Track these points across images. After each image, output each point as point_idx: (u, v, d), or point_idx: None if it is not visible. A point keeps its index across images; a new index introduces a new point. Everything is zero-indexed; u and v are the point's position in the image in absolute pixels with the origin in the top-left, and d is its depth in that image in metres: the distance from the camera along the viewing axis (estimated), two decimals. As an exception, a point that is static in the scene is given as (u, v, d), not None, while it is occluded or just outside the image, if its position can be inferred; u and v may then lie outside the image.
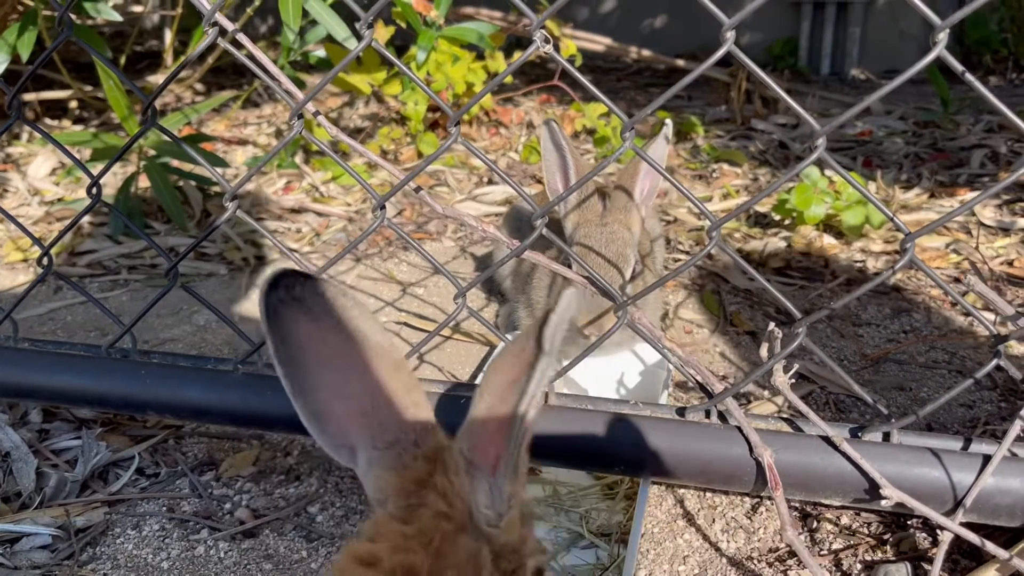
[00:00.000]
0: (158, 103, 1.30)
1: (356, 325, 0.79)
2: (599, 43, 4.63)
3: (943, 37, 0.97)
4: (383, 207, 1.27)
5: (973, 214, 2.64)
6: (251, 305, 2.20)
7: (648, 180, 1.66)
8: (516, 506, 0.73)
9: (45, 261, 1.48)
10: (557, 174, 1.64)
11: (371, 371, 0.79)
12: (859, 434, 1.20)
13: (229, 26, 1.24)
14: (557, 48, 3.35)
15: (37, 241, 1.51)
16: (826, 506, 1.38)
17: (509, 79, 3.96)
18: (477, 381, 1.60)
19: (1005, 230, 2.55)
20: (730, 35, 1.03)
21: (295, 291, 0.79)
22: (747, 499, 1.42)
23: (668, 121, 1.56)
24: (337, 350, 0.79)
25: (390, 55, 1.24)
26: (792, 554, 1.29)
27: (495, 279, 2.11)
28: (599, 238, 1.62)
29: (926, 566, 1.24)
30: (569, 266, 1.44)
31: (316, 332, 0.79)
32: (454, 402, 1.30)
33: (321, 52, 3.26)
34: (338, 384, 0.79)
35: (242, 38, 1.28)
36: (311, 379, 0.79)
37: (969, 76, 1.01)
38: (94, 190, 1.40)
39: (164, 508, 1.44)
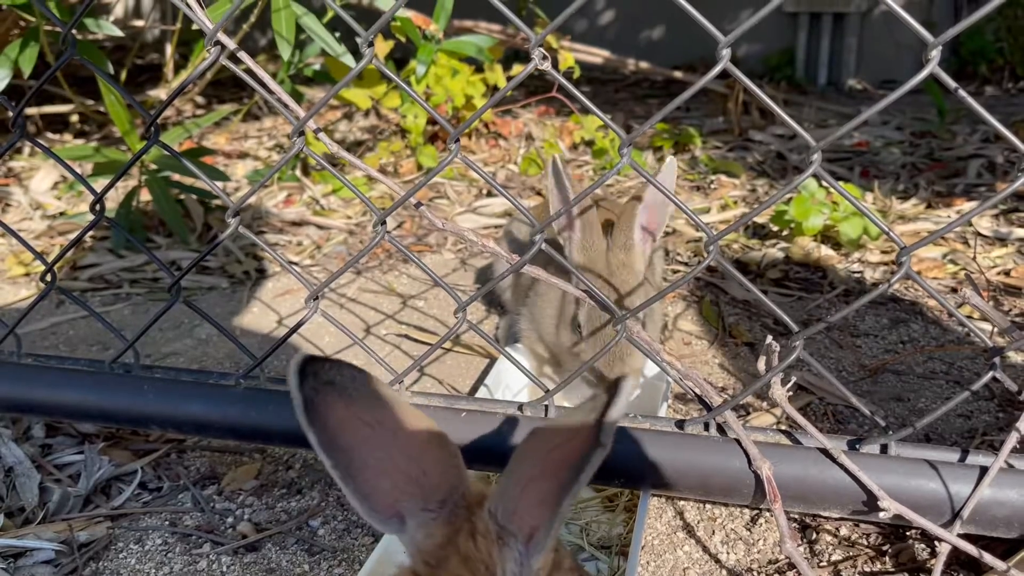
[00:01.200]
0: (159, 118, 1.31)
1: (386, 395, 0.79)
2: (597, 55, 4.66)
3: (936, 54, 0.98)
4: (384, 223, 1.28)
5: (970, 224, 2.65)
6: (252, 318, 2.21)
7: (650, 214, 1.62)
8: (544, 573, 0.72)
9: (48, 277, 1.49)
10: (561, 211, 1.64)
11: (410, 439, 0.78)
12: (857, 446, 1.21)
13: (231, 45, 1.25)
14: (556, 61, 3.36)
15: (41, 257, 1.52)
16: (825, 518, 1.39)
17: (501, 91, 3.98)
18: (478, 395, 1.61)
19: (1002, 240, 2.56)
20: (726, 52, 1.04)
21: (323, 376, 0.78)
22: (746, 511, 1.43)
23: (671, 159, 1.53)
24: (376, 426, 0.78)
25: (390, 72, 1.25)
26: (791, 566, 1.30)
27: (495, 291, 2.12)
28: (601, 276, 1.58)
29: (925, 577, 1.25)
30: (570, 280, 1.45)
31: (352, 413, 0.78)
32: (454, 416, 1.31)
33: (319, 65, 3.29)
34: (384, 460, 0.78)
35: (243, 56, 1.29)
36: (357, 461, 0.78)
37: (962, 92, 1.02)
38: (97, 207, 1.41)
39: (167, 522, 1.45)
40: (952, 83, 1.01)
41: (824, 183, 2.69)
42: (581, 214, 1.61)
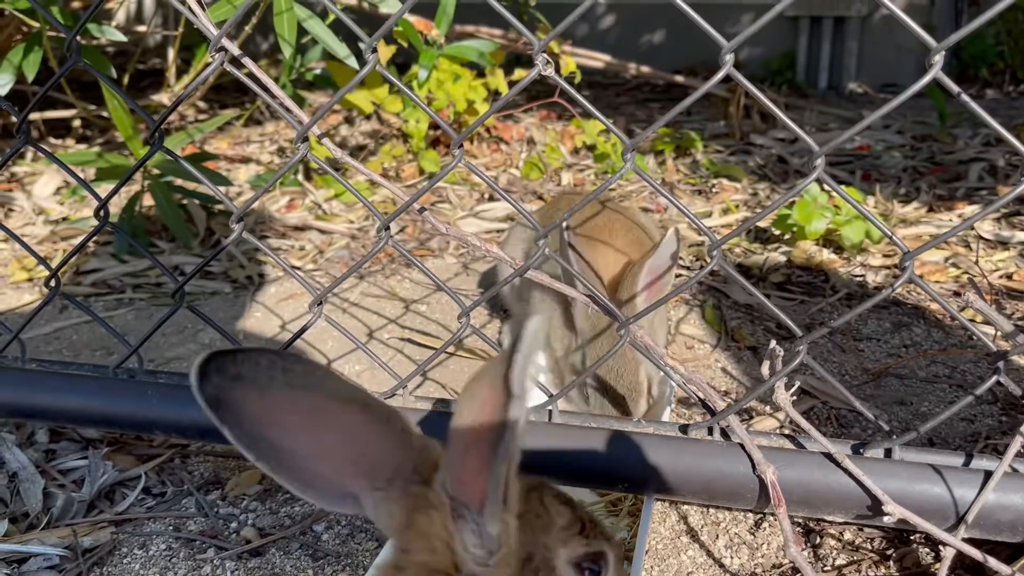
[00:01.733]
0: (163, 123, 1.31)
1: (305, 382, 0.75)
2: (599, 59, 4.66)
3: (939, 59, 0.98)
4: (387, 227, 1.28)
5: (972, 228, 2.65)
6: (255, 323, 2.21)
7: (652, 280, 1.56)
8: (509, 539, 0.70)
9: (52, 282, 1.50)
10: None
11: (343, 418, 0.75)
12: (861, 451, 1.21)
13: (235, 51, 1.25)
14: (558, 66, 3.38)
15: (44, 262, 1.52)
16: (829, 522, 1.39)
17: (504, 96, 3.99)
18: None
19: (1004, 243, 2.56)
20: (729, 58, 1.05)
21: (231, 371, 0.74)
22: (750, 515, 1.43)
23: (673, 231, 1.51)
24: (301, 413, 0.75)
25: (393, 77, 1.26)
26: (795, 570, 1.30)
27: (499, 296, 2.13)
28: (611, 367, 1.54)
29: (929, 581, 1.25)
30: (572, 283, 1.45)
31: (269, 403, 0.75)
32: (459, 420, 1.31)
33: (320, 70, 3.29)
34: (316, 445, 0.75)
35: (247, 61, 1.30)
36: (285, 451, 0.75)
37: (965, 97, 1.02)
38: (101, 212, 1.41)
39: (171, 527, 1.45)
40: (955, 87, 1.01)
41: (826, 187, 2.70)
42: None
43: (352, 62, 2.49)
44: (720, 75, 1.05)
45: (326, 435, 0.76)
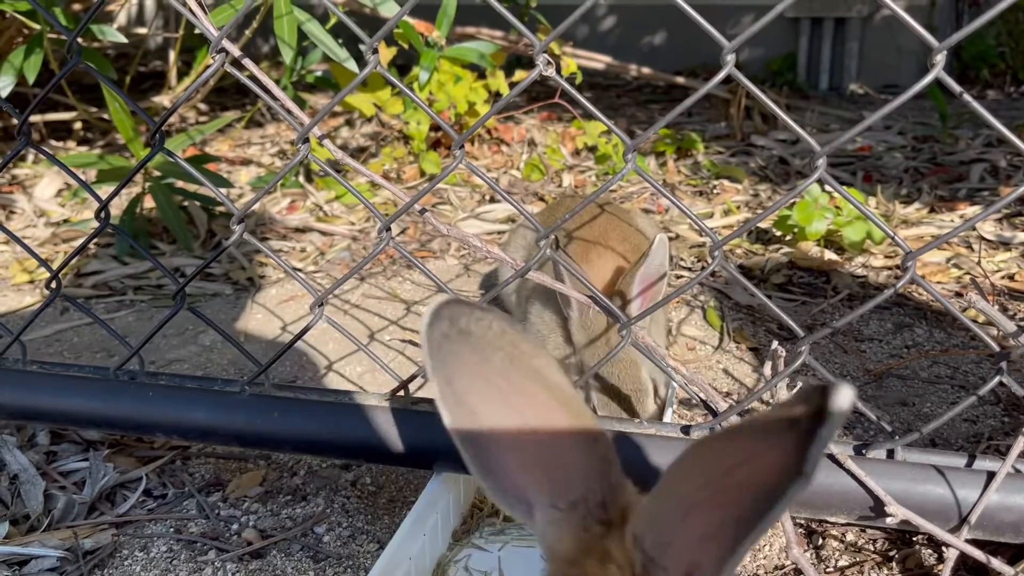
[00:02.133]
0: (163, 125, 1.31)
1: (531, 364, 0.68)
2: (599, 61, 4.66)
3: (940, 59, 0.98)
4: (389, 228, 1.28)
5: (974, 228, 2.65)
6: (256, 325, 2.21)
7: (646, 286, 1.55)
8: None
9: (53, 284, 1.50)
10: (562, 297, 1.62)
11: (549, 417, 0.67)
12: (863, 451, 1.21)
13: (236, 52, 1.25)
14: (559, 68, 3.37)
15: (46, 264, 1.52)
16: (831, 523, 1.39)
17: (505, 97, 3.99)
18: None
19: (1006, 244, 2.56)
20: (730, 58, 1.04)
21: (460, 323, 0.68)
22: (752, 516, 1.42)
23: (662, 236, 1.51)
24: (510, 393, 0.68)
25: (394, 79, 1.25)
26: (798, 572, 1.29)
27: (500, 297, 2.12)
28: (611, 371, 1.54)
29: (932, 583, 1.25)
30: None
31: (485, 371, 0.68)
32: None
33: (320, 72, 3.29)
34: (512, 433, 0.67)
35: (248, 63, 1.30)
36: (482, 428, 0.67)
37: (967, 97, 1.02)
38: (102, 214, 1.41)
39: (172, 529, 1.45)
40: (957, 87, 1.01)
41: (828, 187, 2.70)
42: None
43: (352, 65, 2.48)
44: (721, 75, 1.05)
45: (527, 428, 0.68)
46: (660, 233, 1.53)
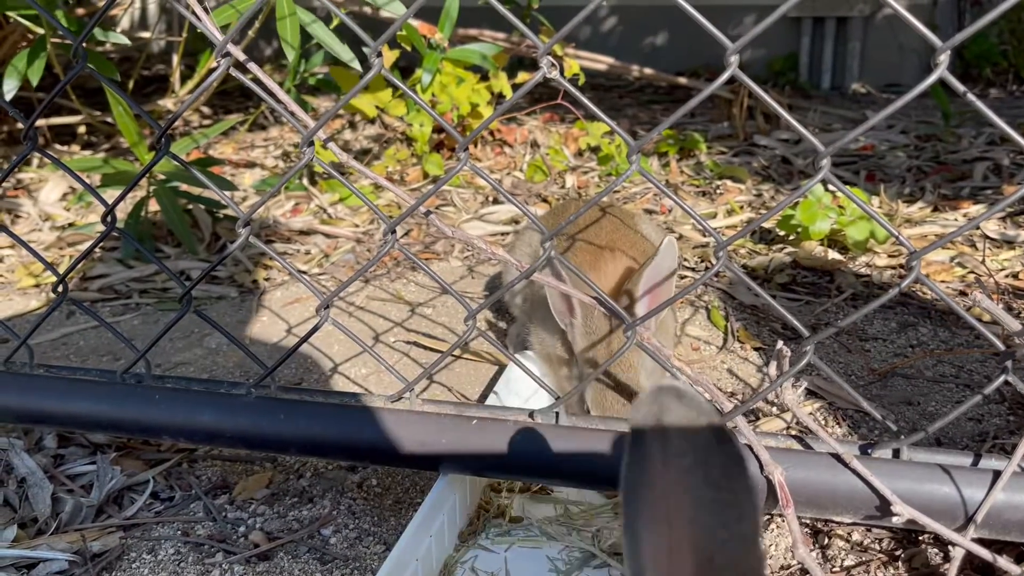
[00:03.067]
0: (169, 129, 1.32)
1: (707, 493, 0.57)
2: (601, 62, 4.67)
3: (944, 59, 0.98)
4: (394, 231, 1.29)
5: (977, 227, 2.65)
6: (261, 328, 2.21)
7: (651, 290, 1.55)
8: None
9: (60, 288, 1.50)
10: (563, 305, 1.63)
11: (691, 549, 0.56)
12: (869, 451, 1.21)
13: (240, 56, 1.26)
14: (561, 69, 3.37)
15: (53, 269, 1.52)
16: (837, 523, 1.39)
17: (511, 96, 4.00)
18: (488, 402, 1.61)
19: (1009, 243, 2.56)
20: (734, 59, 1.05)
21: (666, 417, 0.59)
22: (758, 516, 1.42)
23: (670, 239, 1.51)
24: (672, 509, 0.57)
25: (398, 81, 1.26)
26: (803, 571, 1.30)
27: (504, 300, 2.13)
28: (611, 376, 1.54)
29: (938, 582, 1.25)
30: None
31: (663, 477, 0.58)
32: (465, 423, 1.32)
33: (323, 74, 3.30)
34: (659, 554, 0.57)
35: (252, 66, 1.30)
36: (642, 531, 0.58)
37: (971, 96, 1.02)
38: (108, 218, 1.42)
39: (179, 532, 1.45)
40: (961, 87, 1.01)
41: (831, 187, 2.70)
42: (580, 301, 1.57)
43: (356, 66, 2.49)
44: (725, 77, 1.05)
45: (672, 553, 0.57)
46: (668, 235, 1.53)
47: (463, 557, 1.34)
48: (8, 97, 2.50)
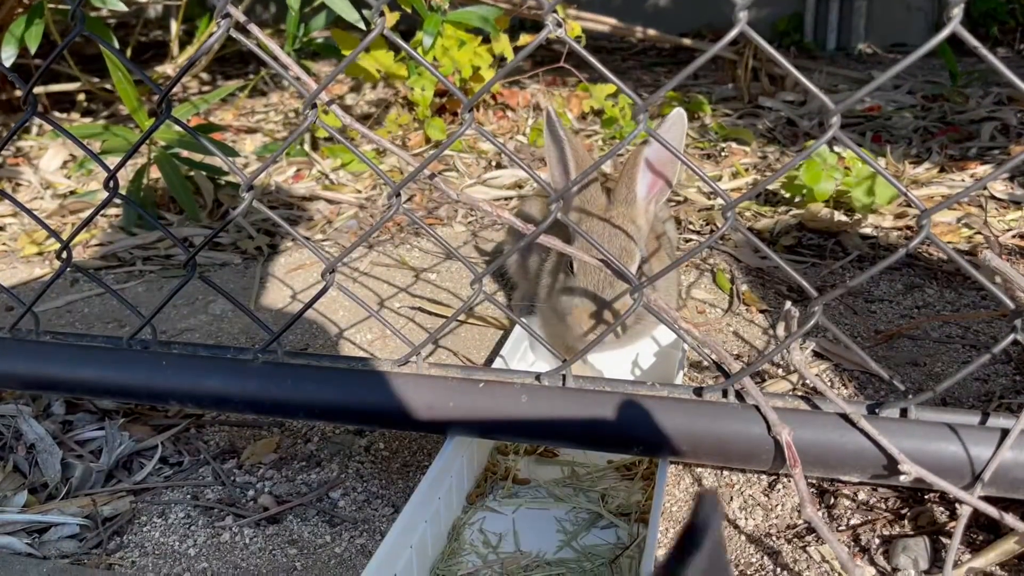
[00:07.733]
0: (168, 93, 1.30)
1: None
2: (604, 23, 4.60)
3: (957, 12, 0.97)
4: (398, 194, 1.28)
5: (985, 188, 2.63)
6: (266, 293, 2.21)
7: (656, 168, 1.57)
8: None
9: (64, 255, 1.50)
10: (557, 167, 1.63)
11: None
12: (876, 411, 1.21)
13: (241, 18, 1.24)
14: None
15: (56, 235, 1.52)
16: (843, 482, 1.39)
17: (512, 59, 3.96)
18: (494, 365, 1.61)
19: (1017, 203, 2.54)
20: (743, 15, 1.03)
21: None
22: (764, 477, 1.43)
23: (679, 110, 1.50)
24: None
25: (401, 42, 1.24)
26: (810, 530, 1.30)
27: (506, 267, 2.12)
28: (601, 232, 1.55)
29: (944, 540, 1.25)
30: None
31: None
32: (472, 386, 1.32)
33: (323, 39, 3.26)
34: None
35: (253, 28, 1.28)
36: None
37: (984, 51, 1.00)
38: (111, 184, 1.41)
39: (189, 496, 1.46)
40: (973, 41, 1.00)
41: (837, 148, 2.68)
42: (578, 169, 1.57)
43: (361, 27, 2.46)
44: (734, 32, 1.04)
45: None
46: (679, 108, 1.51)
47: (471, 519, 1.35)
48: (8, 64, 2.48)
